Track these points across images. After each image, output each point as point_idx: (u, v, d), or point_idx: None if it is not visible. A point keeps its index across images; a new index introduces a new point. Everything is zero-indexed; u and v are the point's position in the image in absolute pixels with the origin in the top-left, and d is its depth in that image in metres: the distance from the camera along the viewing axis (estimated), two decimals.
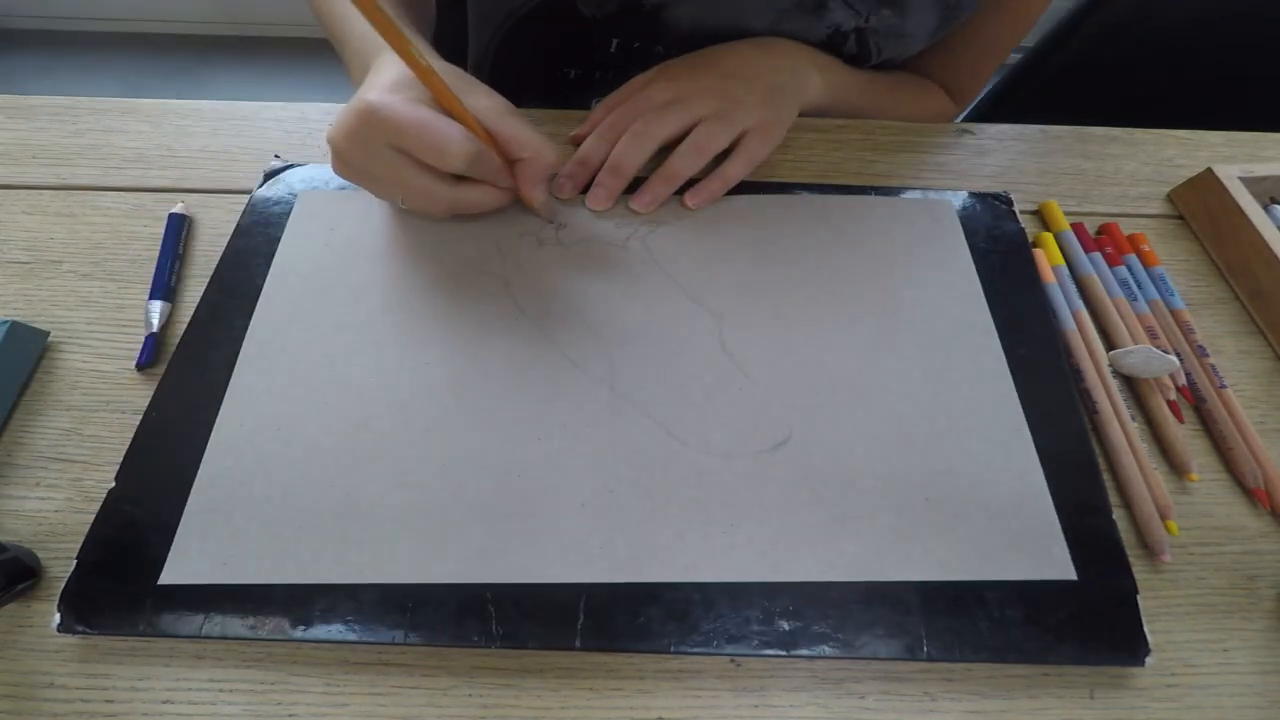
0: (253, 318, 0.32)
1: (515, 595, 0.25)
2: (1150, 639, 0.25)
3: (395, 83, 0.31)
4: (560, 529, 0.27)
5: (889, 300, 0.34)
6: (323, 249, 0.35)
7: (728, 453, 0.29)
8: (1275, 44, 0.57)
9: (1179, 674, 0.26)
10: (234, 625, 0.25)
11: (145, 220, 0.36)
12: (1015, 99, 0.65)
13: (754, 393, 0.31)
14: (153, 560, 0.26)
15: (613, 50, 0.46)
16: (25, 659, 0.25)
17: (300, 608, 0.25)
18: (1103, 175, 0.42)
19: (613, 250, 0.36)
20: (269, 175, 0.38)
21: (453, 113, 0.30)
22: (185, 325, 0.32)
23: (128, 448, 0.28)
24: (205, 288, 0.33)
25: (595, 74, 0.49)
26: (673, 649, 0.25)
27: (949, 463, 0.29)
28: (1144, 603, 0.26)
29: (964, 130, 0.44)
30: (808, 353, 0.32)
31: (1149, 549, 0.28)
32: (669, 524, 0.27)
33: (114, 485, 0.27)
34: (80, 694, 0.24)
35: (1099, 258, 0.37)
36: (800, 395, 0.31)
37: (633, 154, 0.36)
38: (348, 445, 0.29)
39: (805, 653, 0.25)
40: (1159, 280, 0.36)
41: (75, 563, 0.26)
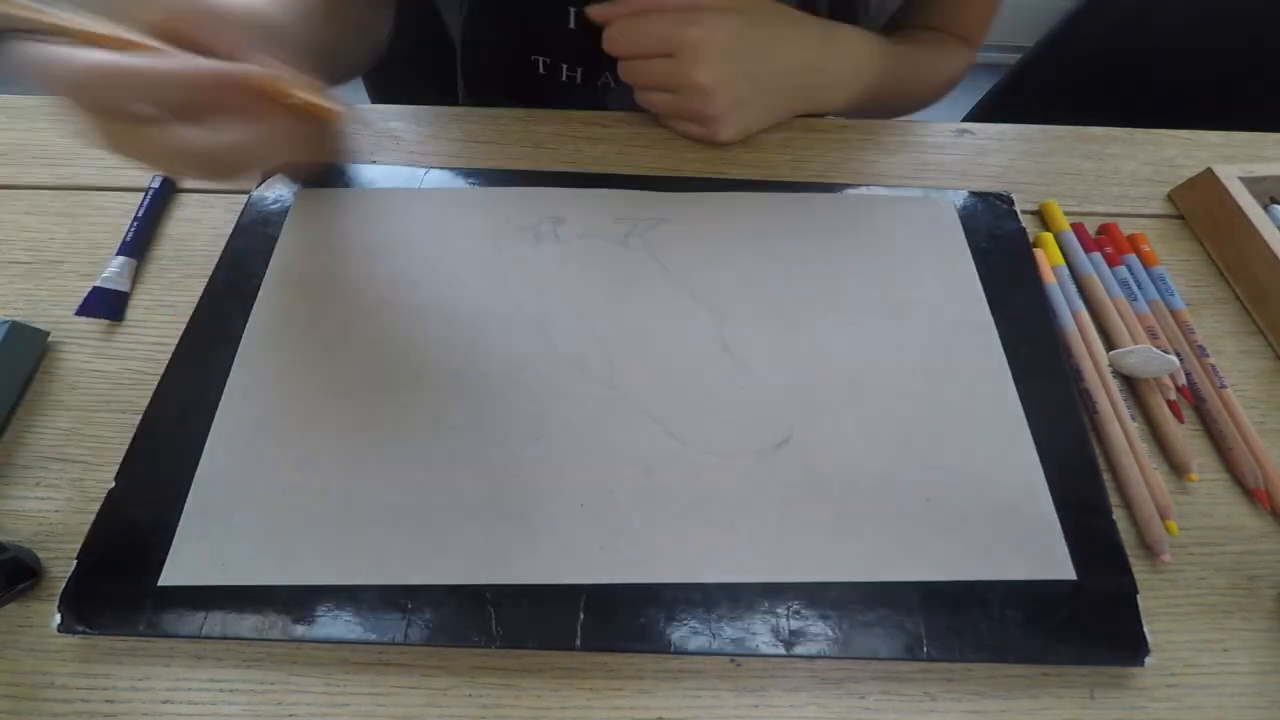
0: (250, 317, 0.32)
1: (515, 595, 0.25)
2: (1150, 639, 0.25)
3: None
4: (560, 529, 0.27)
5: (890, 300, 0.34)
6: (321, 247, 0.35)
7: (728, 452, 0.29)
8: (1275, 44, 0.57)
9: (1179, 674, 0.26)
10: (234, 626, 0.24)
11: None
12: (1015, 99, 0.65)
13: (755, 392, 0.31)
14: (153, 560, 0.26)
15: (571, 25, 0.43)
16: (25, 659, 0.25)
17: (300, 608, 0.25)
18: (1103, 175, 0.42)
19: (612, 247, 0.36)
20: (267, 175, 0.38)
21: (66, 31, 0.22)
22: (185, 326, 0.32)
23: (128, 448, 0.28)
24: (204, 288, 0.33)
25: (562, 67, 0.47)
26: (673, 649, 0.25)
27: (949, 463, 0.29)
28: (1144, 603, 0.26)
29: (964, 130, 0.44)
30: (809, 352, 0.32)
31: (1149, 549, 0.28)
32: (669, 524, 0.27)
33: (114, 486, 0.27)
34: (80, 694, 0.24)
35: (1099, 258, 0.37)
36: (801, 395, 0.31)
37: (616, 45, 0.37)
38: (346, 445, 0.29)
39: (805, 653, 0.25)
40: (1159, 280, 0.36)
41: (75, 563, 0.25)
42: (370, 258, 0.35)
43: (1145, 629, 0.25)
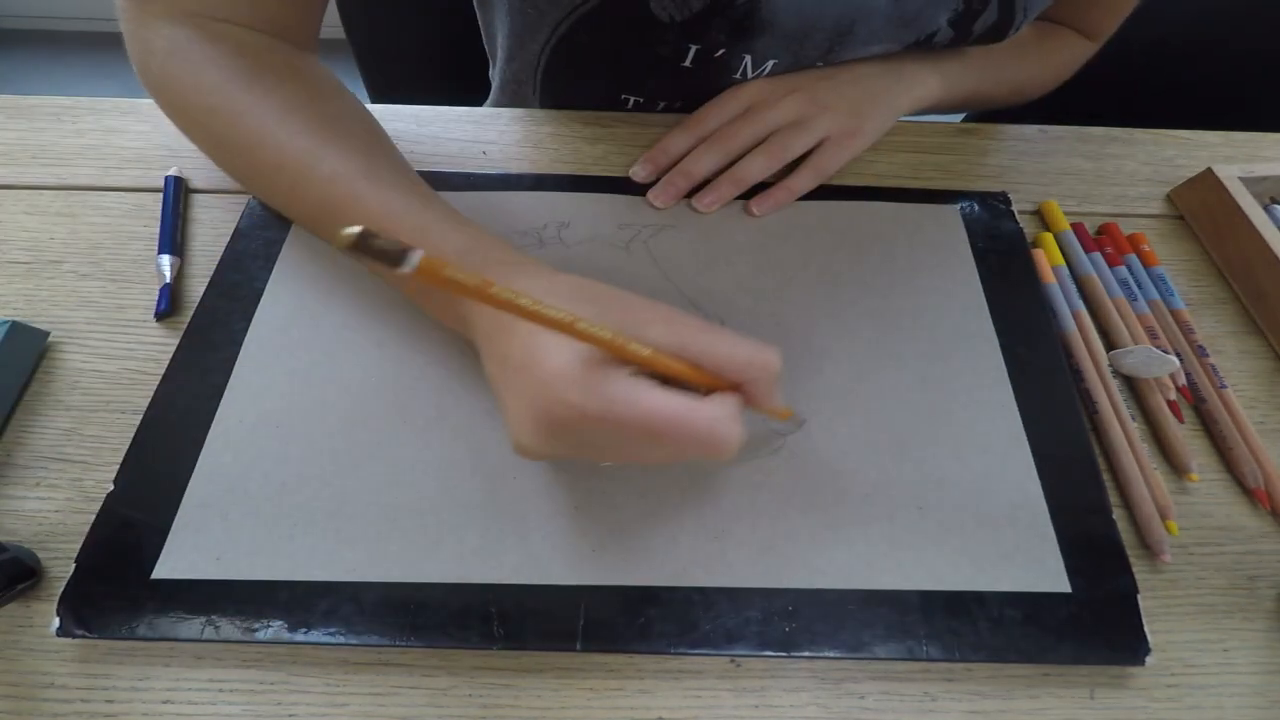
0: (253, 318, 0.32)
1: (516, 596, 0.25)
2: (1150, 639, 0.25)
3: (572, 363, 0.22)
4: (553, 532, 0.27)
5: (890, 308, 0.34)
6: (325, 251, 0.35)
7: None
8: (1275, 44, 0.57)
9: (1179, 674, 0.26)
10: (234, 627, 0.24)
11: (145, 220, 0.36)
12: None
13: None
14: (150, 561, 0.26)
15: (688, 62, 0.39)
16: (25, 659, 0.25)
17: (301, 609, 0.25)
18: (1103, 175, 0.42)
19: (614, 252, 0.36)
20: None
21: (636, 361, 0.23)
22: (185, 327, 0.32)
23: (127, 448, 0.28)
24: (204, 290, 0.33)
25: (659, 104, 0.44)
26: (673, 649, 0.25)
27: (945, 472, 0.29)
28: (1144, 603, 0.26)
29: (964, 130, 0.44)
30: (806, 359, 0.32)
31: (1149, 549, 0.28)
32: (661, 528, 0.27)
33: (113, 487, 0.27)
34: (80, 694, 0.24)
35: (1099, 258, 0.37)
36: (797, 401, 0.30)
37: (710, 162, 0.38)
38: (344, 444, 0.29)
39: (805, 653, 0.25)
40: (1159, 280, 0.36)
41: (74, 566, 0.25)
42: None
43: (1145, 629, 0.25)
